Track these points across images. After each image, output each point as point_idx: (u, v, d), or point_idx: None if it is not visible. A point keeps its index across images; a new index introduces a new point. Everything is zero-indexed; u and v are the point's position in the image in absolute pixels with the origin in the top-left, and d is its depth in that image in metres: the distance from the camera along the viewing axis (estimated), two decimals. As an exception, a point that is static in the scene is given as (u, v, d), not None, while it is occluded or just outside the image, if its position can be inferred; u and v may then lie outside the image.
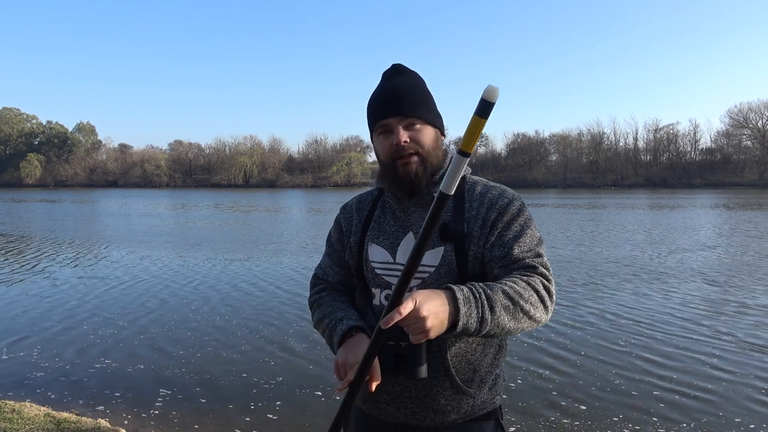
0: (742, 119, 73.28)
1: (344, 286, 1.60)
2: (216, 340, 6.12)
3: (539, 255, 1.36)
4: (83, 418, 4.08)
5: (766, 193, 45.64)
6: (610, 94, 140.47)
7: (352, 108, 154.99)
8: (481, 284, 1.22)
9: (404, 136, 1.39)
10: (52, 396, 4.60)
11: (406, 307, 1.08)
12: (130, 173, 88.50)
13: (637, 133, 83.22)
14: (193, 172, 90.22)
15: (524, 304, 1.23)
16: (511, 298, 1.21)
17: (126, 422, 4.11)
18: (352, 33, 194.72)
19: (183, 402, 4.45)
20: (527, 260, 1.33)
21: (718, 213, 25.35)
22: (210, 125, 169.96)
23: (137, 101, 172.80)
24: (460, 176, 1.03)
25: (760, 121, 71.69)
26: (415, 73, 1.48)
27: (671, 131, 78.22)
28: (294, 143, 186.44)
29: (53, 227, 20.65)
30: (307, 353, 5.64)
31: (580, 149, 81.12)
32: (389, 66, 1.49)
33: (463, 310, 1.14)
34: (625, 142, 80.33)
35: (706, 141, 77.33)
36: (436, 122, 1.46)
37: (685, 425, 3.96)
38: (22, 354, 5.68)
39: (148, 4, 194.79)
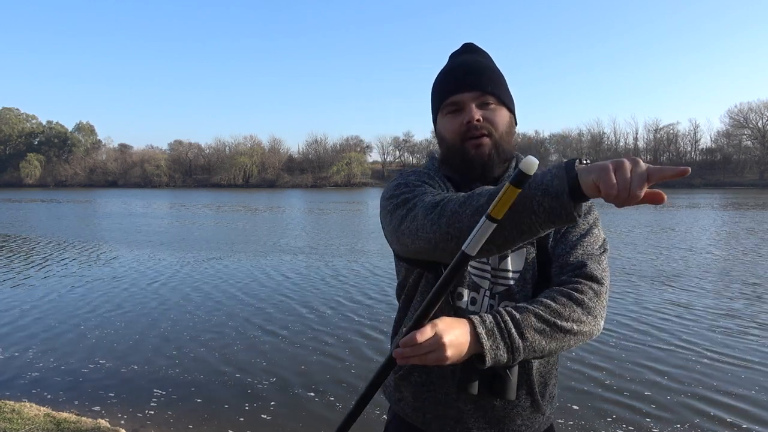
0: (742, 119, 73.22)
1: None
2: (210, 340, 6.13)
3: (598, 254, 1.23)
4: (83, 418, 4.09)
5: (766, 193, 45.65)
6: (610, 94, 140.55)
7: (352, 108, 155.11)
8: (509, 309, 1.11)
9: (477, 113, 1.24)
10: (48, 396, 4.62)
11: (424, 333, 1.00)
12: (130, 173, 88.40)
13: (637, 133, 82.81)
14: (193, 172, 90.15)
15: (563, 323, 1.12)
16: (545, 320, 1.11)
17: (122, 422, 4.13)
18: (352, 33, 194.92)
19: (178, 402, 4.47)
20: (582, 258, 1.21)
21: (705, 213, 25.27)
22: (210, 125, 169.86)
23: (137, 101, 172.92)
24: (484, 238, 0.92)
25: (760, 121, 71.63)
26: (488, 53, 1.35)
27: (671, 131, 78.22)
28: (294, 143, 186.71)
29: (45, 228, 20.66)
30: (300, 354, 5.65)
31: (580, 149, 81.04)
32: (460, 46, 1.36)
33: (487, 344, 1.06)
34: (625, 142, 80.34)
35: (706, 141, 77.37)
36: (511, 105, 1.32)
37: (678, 426, 3.96)
38: (17, 354, 5.69)
39: (148, 4, 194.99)
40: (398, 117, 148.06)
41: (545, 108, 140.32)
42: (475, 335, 1.05)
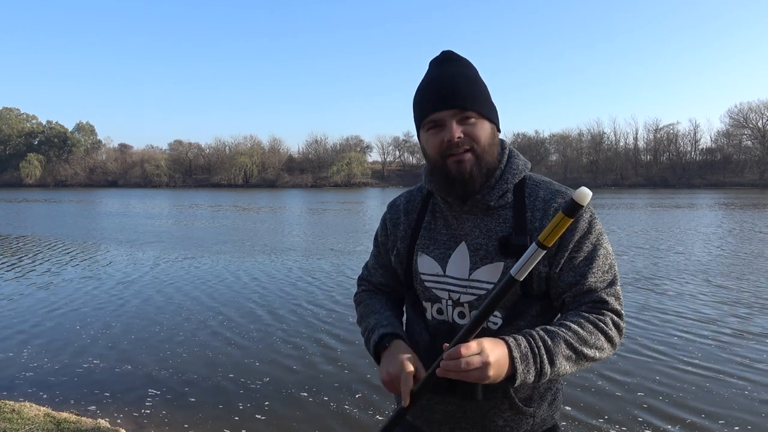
0: (742, 119, 73.23)
1: (389, 288, 1.52)
2: (202, 340, 6.14)
3: (612, 283, 1.26)
4: (83, 418, 4.10)
5: (767, 193, 45.67)
6: (611, 94, 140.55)
7: (352, 108, 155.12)
8: (542, 333, 1.15)
9: (458, 131, 1.24)
10: (44, 396, 4.63)
11: (470, 347, 1.05)
12: (130, 173, 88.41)
13: (637, 133, 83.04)
14: (193, 172, 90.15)
15: (588, 351, 1.17)
16: (574, 348, 1.16)
17: (119, 421, 4.14)
18: (353, 32, 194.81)
19: (173, 402, 4.49)
20: (600, 293, 1.23)
21: (692, 213, 25.24)
22: (210, 125, 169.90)
23: (137, 101, 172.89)
24: (534, 265, 1.01)
25: (761, 121, 71.66)
26: (468, 60, 1.33)
27: (671, 131, 78.20)
28: (294, 143, 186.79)
29: (39, 227, 20.68)
30: (291, 354, 5.67)
31: (580, 149, 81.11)
32: (438, 53, 1.35)
33: (520, 368, 1.10)
34: (626, 142, 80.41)
35: (706, 141, 77.43)
36: (492, 116, 1.31)
37: (670, 427, 3.97)
38: (11, 354, 5.71)
39: (149, 4, 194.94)
40: (398, 117, 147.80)
41: (545, 108, 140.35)
42: (510, 358, 1.10)
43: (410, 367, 1.18)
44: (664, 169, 75.53)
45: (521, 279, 1.02)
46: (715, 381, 4.80)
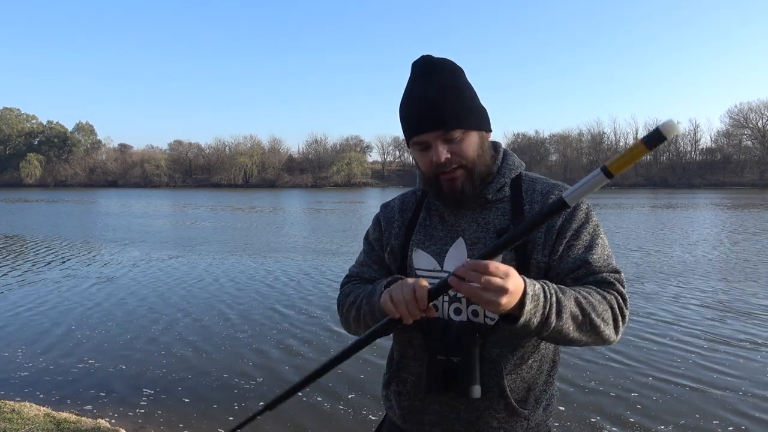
0: (742, 119, 73.26)
1: None
2: (196, 341, 6.16)
3: (615, 270, 1.24)
4: (83, 418, 4.12)
5: (766, 193, 45.65)
6: (611, 94, 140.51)
7: (352, 107, 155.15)
8: (555, 286, 1.11)
9: (443, 152, 1.24)
10: (40, 395, 4.65)
11: (499, 266, 0.99)
12: (130, 173, 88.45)
13: (637, 133, 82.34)
14: (193, 172, 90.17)
15: (595, 318, 1.13)
16: (582, 309, 1.12)
17: (113, 421, 4.16)
18: (352, 32, 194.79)
19: (167, 402, 4.51)
20: (603, 274, 1.22)
21: (683, 214, 25.25)
22: (210, 125, 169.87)
23: (137, 101, 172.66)
24: (590, 191, 0.95)
25: (761, 121, 71.67)
26: (450, 65, 1.30)
27: (671, 131, 78.06)
28: (294, 143, 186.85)
29: (34, 228, 20.71)
30: (283, 354, 5.70)
31: (580, 149, 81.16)
32: (418, 57, 1.31)
33: (528, 307, 1.04)
34: (626, 142, 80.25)
35: (706, 141, 77.45)
36: (480, 123, 1.29)
37: (662, 427, 3.99)
38: (6, 354, 5.73)
39: (149, 4, 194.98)
40: (398, 117, 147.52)
41: (545, 108, 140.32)
42: (522, 294, 1.04)
43: (422, 282, 1.11)
44: (664, 169, 75.52)
45: (572, 205, 0.96)
46: (698, 387, 4.80)
